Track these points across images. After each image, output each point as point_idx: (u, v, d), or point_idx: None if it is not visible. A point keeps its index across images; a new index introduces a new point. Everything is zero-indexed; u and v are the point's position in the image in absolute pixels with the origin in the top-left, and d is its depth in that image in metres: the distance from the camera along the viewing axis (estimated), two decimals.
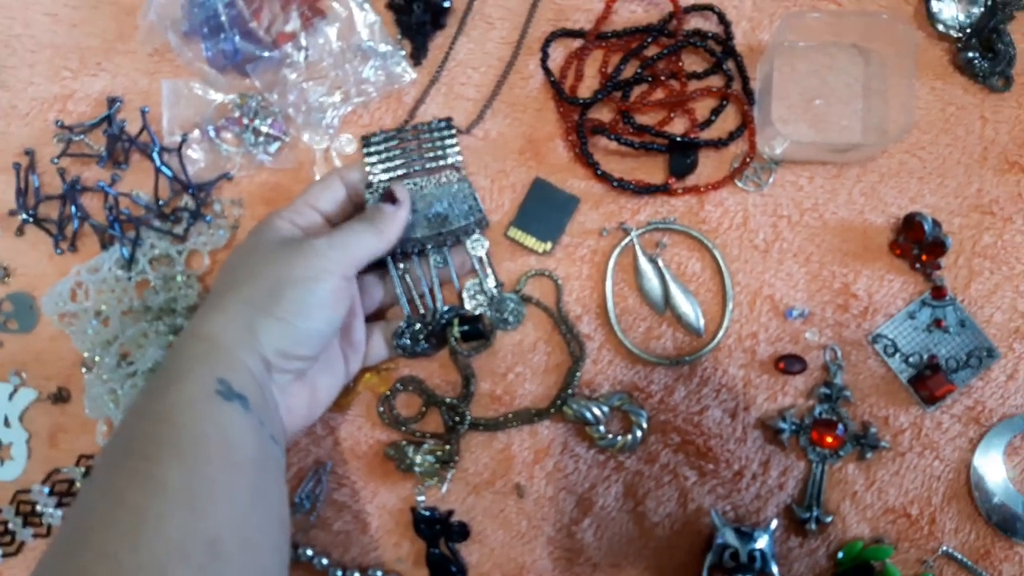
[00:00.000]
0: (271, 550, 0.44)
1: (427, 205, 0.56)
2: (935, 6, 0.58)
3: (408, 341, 0.56)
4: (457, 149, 0.57)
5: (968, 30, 0.58)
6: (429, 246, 0.56)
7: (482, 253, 0.57)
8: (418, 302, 0.57)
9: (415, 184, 0.56)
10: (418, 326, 0.56)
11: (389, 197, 0.54)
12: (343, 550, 0.57)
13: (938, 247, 0.55)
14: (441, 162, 0.57)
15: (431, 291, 0.56)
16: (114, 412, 0.57)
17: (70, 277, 0.59)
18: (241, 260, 0.50)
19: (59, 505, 0.57)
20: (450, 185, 0.56)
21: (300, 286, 0.48)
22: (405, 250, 0.55)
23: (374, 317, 0.57)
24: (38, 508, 0.57)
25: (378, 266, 0.55)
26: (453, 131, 0.57)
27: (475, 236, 0.57)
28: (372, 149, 0.57)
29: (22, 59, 0.61)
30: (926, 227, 0.55)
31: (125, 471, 0.41)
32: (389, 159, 0.57)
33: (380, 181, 0.56)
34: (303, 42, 0.60)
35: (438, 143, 0.57)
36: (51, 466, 0.58)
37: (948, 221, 0.57)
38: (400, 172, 0.56)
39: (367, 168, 0.56)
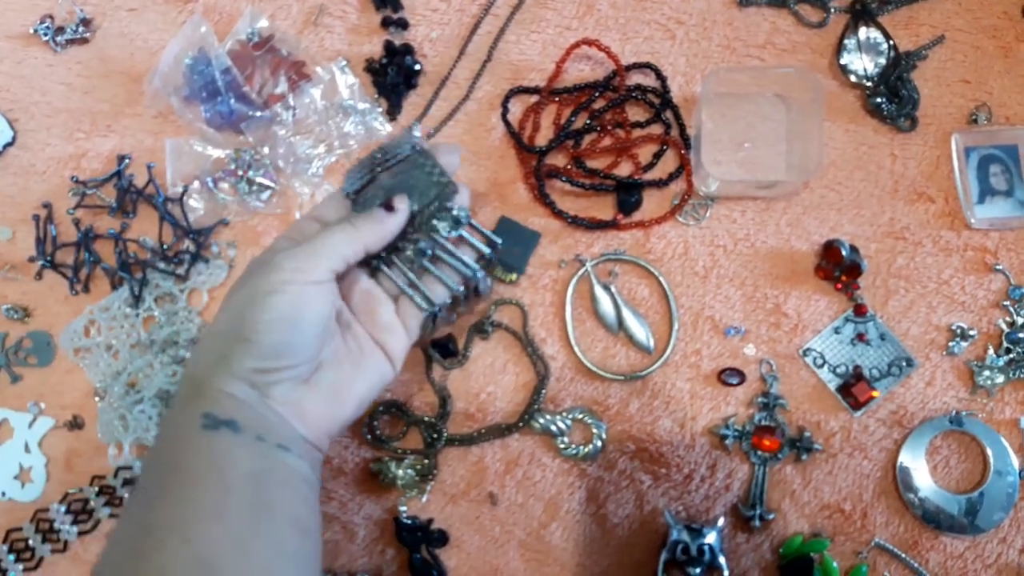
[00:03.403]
0: (282, 558, 0.43)
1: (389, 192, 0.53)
2: (845, 59, 0.63)
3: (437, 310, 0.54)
4: (418, 138, 0.53)
5: (875, 79, 0.63)
6: (411, 240, 0.53)
7: (449, 233, 0.53)
8: (443, 276, 0.54)
9: (384, 185, 0.53)
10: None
11: (388, 205, 0.52)
12: (333, 558, 0.59)
13: (855, 269, 0.59)
14: (407, 154, 0.54)
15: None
16: (124, 436, 0.59)
17: (84, 315, 0.61)
18: (228, 293, 0.49)
19: (75, 523, 0.59)
20: (415, 169, 0.53)
21: (258, 303, 0.46)
22: (393, 248, 0.53)
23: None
24: (55, 525, 0.59)
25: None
26: (411, 131, 0.53)
27: (447, 222, 0.53)
28: (357, 184, 0.53)
29: (40, 123, 0.65)
30: (844, 252, 0.58)
31: (130, 518, 0.43)
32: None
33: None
34: (291, 102, 0.63)
35: (403, 147, 0.54)
36: (67, 487, 0.60)
37: (865, 246, 0.61)
38: (383, 183, 0.53)
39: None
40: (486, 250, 0.55)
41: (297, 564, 0.44)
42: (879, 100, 0.62)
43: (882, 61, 0.63)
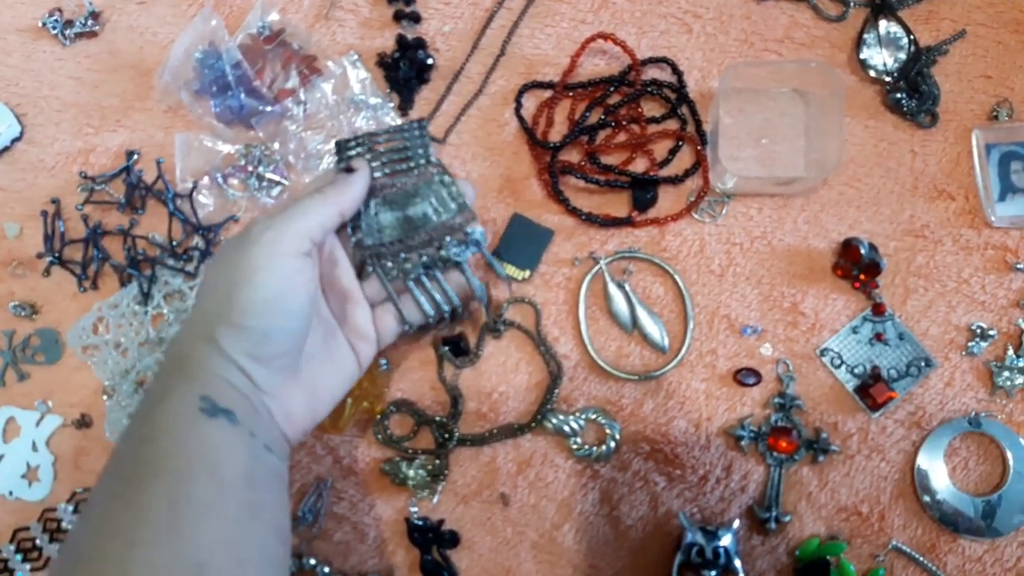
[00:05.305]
0: (267, 564, 0.42)
1: (409, 204, 0.53)
2: (865, 53, 0.62)
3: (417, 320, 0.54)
4: (433, 149, 0.54)
5: (895, 74, 0.62)
6: (417, 250, 0.53)
7: (466, 257, 0.53)
8: (422, 300, 0.54)
9: (395, 183, 0.53)
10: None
11: (348, 168, 0.51)
12: (343, 559, 0.59)
13: (874, 268, 0.58)
14: (420, 162, 0.53)
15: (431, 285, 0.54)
16: None
17: (92, 313, 0.61)
18: (206, 270, 0.47)
19: None
20: (430, 183, 0.53)
21: (245, 284, 0.44)
22: (392, 252, 0.53)
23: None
24: (63, 525, 0.59)
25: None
26: (426, 131, 0.53)
27: (458, 244, 0.53)
28: (350, 155, 0.53)
29: (49, 118, 0.64)
30: (862, 250, 0.58)
31: (114, 498, 0.40)
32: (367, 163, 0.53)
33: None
34: (302, 97, 0.63)
35: (413, 144, 0.54)
36: (75, 486, 0.60)
37: (884, 244, 0.60)
38: (376, 175, 0.53)
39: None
40: (477, 286, 0.55)
41: (278, 574, 0.43)
42: (899, 96, 0.62)
43: (902, 56, 0.62)
